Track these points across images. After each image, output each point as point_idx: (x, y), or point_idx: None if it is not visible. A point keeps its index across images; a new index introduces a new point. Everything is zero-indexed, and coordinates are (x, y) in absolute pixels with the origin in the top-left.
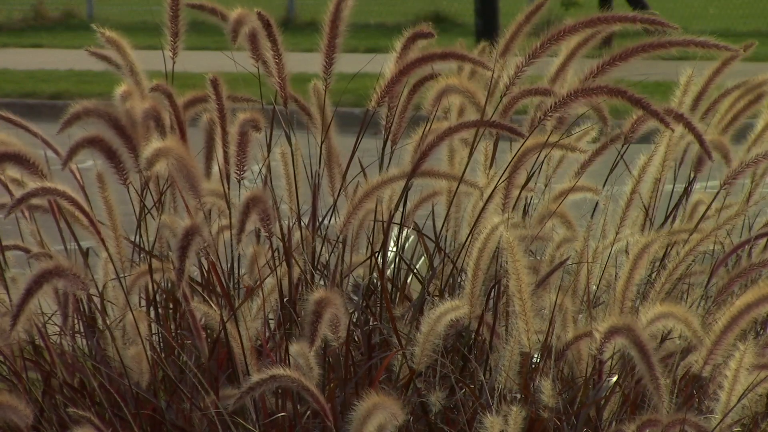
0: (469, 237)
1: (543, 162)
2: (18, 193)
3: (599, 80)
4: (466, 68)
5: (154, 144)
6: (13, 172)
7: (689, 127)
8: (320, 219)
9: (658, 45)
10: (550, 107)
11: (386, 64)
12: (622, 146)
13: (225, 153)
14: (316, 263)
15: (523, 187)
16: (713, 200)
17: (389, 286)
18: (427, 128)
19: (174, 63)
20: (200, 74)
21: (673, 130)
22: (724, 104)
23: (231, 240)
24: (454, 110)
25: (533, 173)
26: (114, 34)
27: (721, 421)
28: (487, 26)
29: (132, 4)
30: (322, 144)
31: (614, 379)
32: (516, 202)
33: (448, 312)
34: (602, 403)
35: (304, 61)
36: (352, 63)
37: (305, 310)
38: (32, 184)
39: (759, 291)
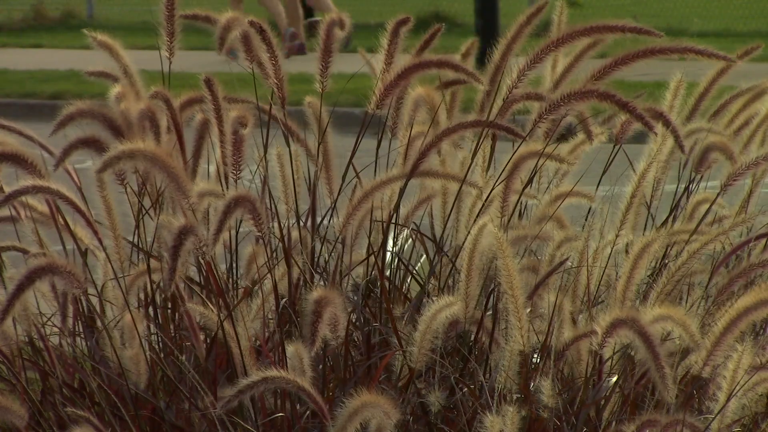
0: (467, 237)
1: (542, 165)
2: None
3: (599, 83)
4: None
5: (120, 145)
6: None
7: (666, 123)
8: (319, 219)
9: (659, 51)
10: (544, 111)
11: (377, 63)
12: (614, 146)
13: (223, 153)
14: (315, 263)
15: (522, 191)
16: (713, 202)
17: (388, 285)
18: (410, 132)
19: (171, 63)
20: (199, 74)
21: (656, 134)
22: (734, 106)
23: (230, 240)
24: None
25: (533, 175)
26: (106, 38)
27: (714, 419)
28: (487, 26)
29: (132, 4)
30: (319, 147)
31: (614, 379)
32: (515, 203)
33: (442, 309)
34: (602, 403)
35: (304, 61)
36: (352, 63)
37: (304, 310)
38: (24, 181)
39: (758, 295)
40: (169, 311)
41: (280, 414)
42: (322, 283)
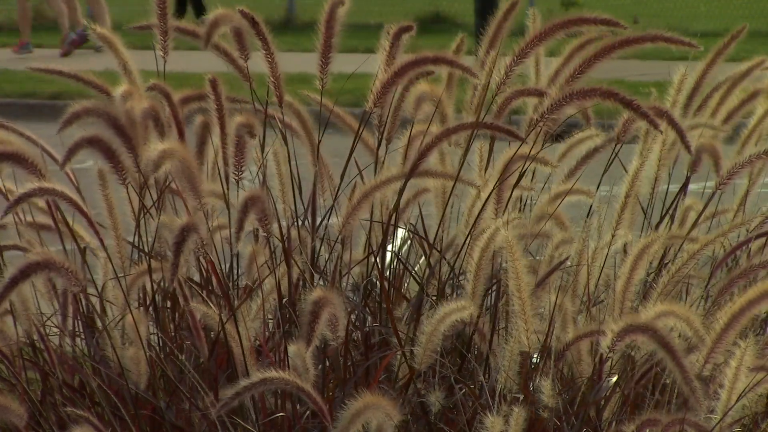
0: (468, 238)
1: (529, 167)
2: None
3: (584, 78)
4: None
5: (159, 146)
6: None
7: (671, 123)
8: (319, 219)
9: (633, 41)
10: (546, 110)
11: (377, 64)
12: (615, 146)
13: (224, 153)
14: (315, 263)
15: (514, 187)
16: (708, 202)
17: (387, 285)
18: (410, 131)
19: (165, 62)
20: (197, 74)
21: (661, 132)
22: (713, 100)
23: (229, 240)
24: (440, 114)
25: (524, 172)
26: (105, 32)
27: (721, 420)
28: (487, 26)
29: (132, 4)
30: (319, 145)
31: (614, 379)
32: (513, 201)
33: (453, 312)
34: (602, 403)
35: (304, 61)
36: (352, 63)
37: (303, 310)
38: (30, 183)
39: (760, 288)
40: (168, 311)
41: (281, 414)
42: (321, 282)
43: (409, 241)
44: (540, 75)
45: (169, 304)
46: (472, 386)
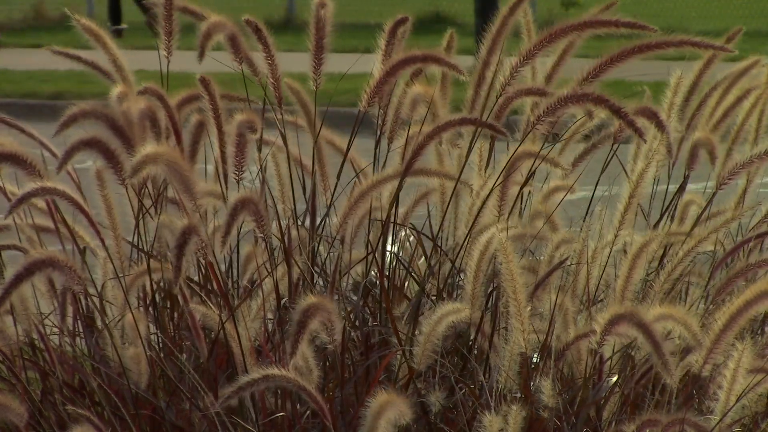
0: (467, 237)
1: (537, 167)
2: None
3: (595, 82)
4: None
5: (143, 150)
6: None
7: (659, 125)
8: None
9: (655, 45)
10: (542, 113)
11: (375, 64)
12: (612, 145)
13: (222, 153)
14: (313, 263)
15: (522, 187)
16: (709, 202)
17: (387, 285)
18: (408, 131)
19: (169, 62)
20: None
21: (645, 141)
22: (712, 99)
23: (221, 241)
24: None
25: (529, 176)
26: (92, 24)
27: (720, 421)
28: (487, 26)
29: (132, 5)
30: (315, 145)
31: (614, 379)
32: (512, 200)
33: (449, 314)
34: (602, 403)
35: (304, 61)
36: (352, 63)
37: (292, 318)
38: (32, 183)
39: (758, 288)
40: (168, 311)
41: (281, 414)
42: (321, 282)
43: (409, 240)
44: (536, 75)
45: (168, 304)
46: (472, 386)
